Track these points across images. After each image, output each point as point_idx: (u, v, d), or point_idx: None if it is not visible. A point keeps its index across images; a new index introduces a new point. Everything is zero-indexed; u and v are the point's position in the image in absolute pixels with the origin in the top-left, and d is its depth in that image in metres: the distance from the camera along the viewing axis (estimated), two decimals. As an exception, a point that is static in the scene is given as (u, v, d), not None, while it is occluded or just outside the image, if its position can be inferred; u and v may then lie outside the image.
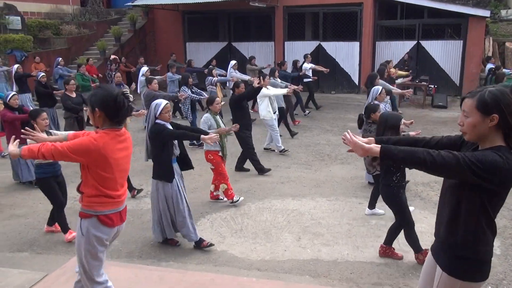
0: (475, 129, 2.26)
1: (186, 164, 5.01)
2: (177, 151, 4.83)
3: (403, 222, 4.50)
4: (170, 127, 4.71)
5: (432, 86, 13.86)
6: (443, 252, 2.47)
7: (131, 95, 2.91)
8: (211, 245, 4.89)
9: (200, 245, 4.88)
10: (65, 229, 5.16)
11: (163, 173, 4.69)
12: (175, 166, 4.83)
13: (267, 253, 4.85)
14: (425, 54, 15.48)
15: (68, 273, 4.01)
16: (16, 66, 12.34)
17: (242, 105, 7.36)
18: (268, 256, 4.77)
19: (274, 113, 8.57)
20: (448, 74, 15.27)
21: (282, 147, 8.72)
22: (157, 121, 4.64)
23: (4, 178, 7.50)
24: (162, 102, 4.70)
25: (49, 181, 5.07)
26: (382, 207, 5.53)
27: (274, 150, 8.88)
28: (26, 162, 6.86)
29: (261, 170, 7.50)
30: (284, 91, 8.89)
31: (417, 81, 14.20)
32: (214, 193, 6.31)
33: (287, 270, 4.50)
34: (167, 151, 4.66)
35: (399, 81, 11.64)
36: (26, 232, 5.53)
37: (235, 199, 6.12)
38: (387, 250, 4.68)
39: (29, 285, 3.89)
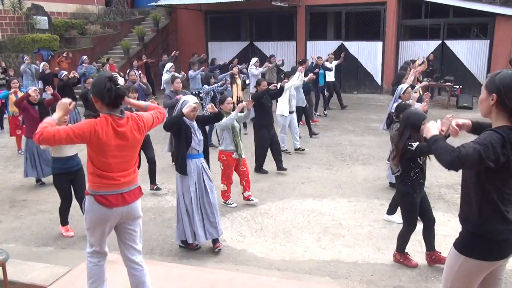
0: (481, 105, 2.46)
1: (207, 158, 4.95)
2: (197, 147, 4.75)
3: (407, 222, 4.43)
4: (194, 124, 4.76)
5: (457, 86, 13.58)
6: (461, 230, 2.58)
7: (121, 79, 2.89)
8: (198, 247, 4.91)
9: (188, 246, 4.90)
10: (62, 221, 5.37)
11: (178, 165, 4.77)
12: (197, 162, 4.77)
13: (287, 253, 4.84)
14: (450, 54, 15.19)
15: (91, 268, 4.07)
16: (42, 64, 12.65)
17: (261, 102, 7.36)
18: (288, 256, 4.76)
19: (291, 112, 8.50)
20: (474, 74, 14.95)
21: (286, 148, 8.64)
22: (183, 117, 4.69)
23: (31, 174, 7.68)
24: (190, 101, 4.74)
25: (61, 177, 5.21)
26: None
27: (292, 151, 8.81)
28: (33, 159, 6.96)
29: (259, 168, 7.52)
30: (299, 80, 8.74)
31: (441, 82, 13.95)
32: (245, 194, 6.24)
33: (307, 270, 4.48)
34: (182, 144, 4.69)
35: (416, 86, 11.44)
36: (51, 227, 5.65)
37: (228, 201, 6.11)
38: (400, 257, 4.55)
39: (54, 279, 3.97)
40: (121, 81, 2.83)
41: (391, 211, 5.59)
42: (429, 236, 4.48)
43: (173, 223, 5.62)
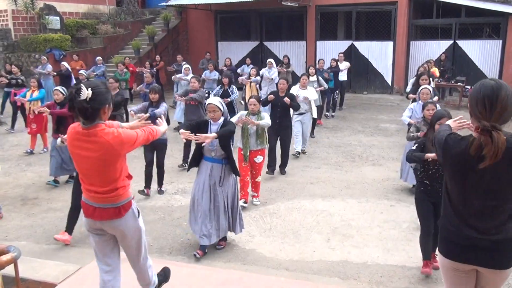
0: None
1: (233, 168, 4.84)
2: (210, 151, 4.74)
3: (419, 224, 4.39)
4: (213, 125, 4.77)
5: (469, 87, 13.44)
6: None
7: (87, 92, 2.71)
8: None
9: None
10: (68, 227, 5.18)
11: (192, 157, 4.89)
12: (208, 165, 4.76)
13: (296, 253, 4.83)
14: (462, 54, 15.04)
15: (101, 267, 4.11)
16: (49, 67, 12.84)
17: (271, 104, 7.36)
18: (297, 256, 4.76)
19: (301, 114, 8.39)
20: (486, 75, 14.77)
21: (297, 150, 8.51)
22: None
23: (43, 173, 7.77)
24: (208, 100, 4.81)
25: (75, 178, 5.26)
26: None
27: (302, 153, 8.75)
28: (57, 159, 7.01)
29: (267, 167, 7.41)
30: (315, 94, 8.71)
31: (452, 82, 13.82)
32: (251, 193, 6.24)
33: (315, 271, 4.47)
34: (197, 144, 4.74)
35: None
36: (61, 225, 5.69)
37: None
38: (429, 264, 4.39)
39: (64, 277, 4.01)
40: (84, 94, 2.70)
41: None
42: (435, 242, 4.38)
43: (182, 222, 5.65)
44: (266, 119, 5.99)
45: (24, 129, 10.91)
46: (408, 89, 8.98)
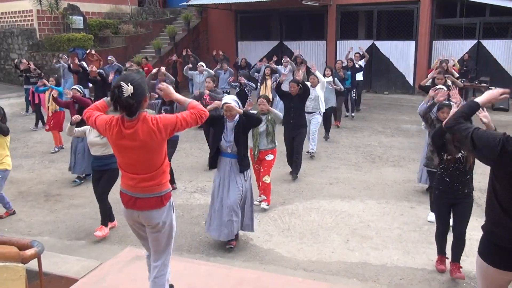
0: None
1: (241, 165, 4.85)
2: (226, 147, 4.78)
3: (436, 225, 4.35)
4: (228, 123, 4.81)
5: (493, 88, 13.13)
6: None
7: (129, 87, 2.75)
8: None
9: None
10: (102, 220, 5.37)
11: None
12: (226, 160, 4.81)
13: (314, 253, 4.81)
14: (486, 54, 14.73)
15: (121, 263, 4.17)
16: (64, 64, 13.08)
17: (283, 101, 7.34)
18: (315, 257, 4.74)
19: (309, 113, 8.18)
20: (511, 75, 14.45)
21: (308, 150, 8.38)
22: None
23: (65, 170, 7.91)
24: (223, 100, 4.86)
25: (93, 175, 5.46)
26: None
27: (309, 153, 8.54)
28: (81, 156, 7.14)
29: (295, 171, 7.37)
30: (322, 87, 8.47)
31: (476, 83, 13.54)
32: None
33: (334, 272, 4.44)
34: (213, 139, 4.83)
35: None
36: (83, 221, 5.81)
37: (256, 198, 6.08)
38: (436, 258, 4.41)
39: (85, 272, 4.08)
40: (127, 91, 2.74)
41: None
42: (454, 246, 4.28)
43: (201, 221, 5.69)
44: (277, 111, 6.00)
45: (34, 127, 11.18)
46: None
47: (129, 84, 2.76)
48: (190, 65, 12.14)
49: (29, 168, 8.15)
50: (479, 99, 2.82)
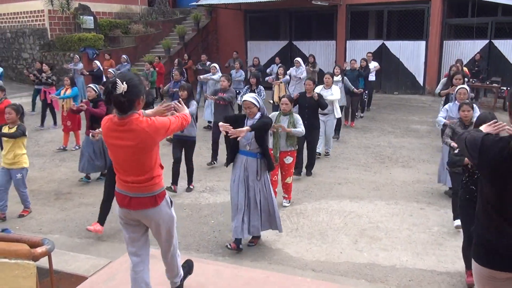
0: None
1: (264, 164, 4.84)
2: (245, 145, 4.78)
3: (464, 234, 4.23)
4: (250, 120, 4.81)
5: (505, 88, 13.01)
6: None
7: (123, 86, 2.76)
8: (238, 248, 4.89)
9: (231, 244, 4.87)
10: (100, 218, 5.34)
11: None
12: (243, 158, 4.80)
13: (323, 254, 4.80)
14: (498, 54, 14.56)
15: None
16: (80, 65, 13.20)
17: (298, 103, 7.31)
18: (324, 257, 4.73)
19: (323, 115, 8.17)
20: (523, 75, 14.29)
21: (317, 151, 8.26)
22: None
23: (76, 168, 7.97)
24: (244, 97, 4.89)
25: (109, 171, 5.47)
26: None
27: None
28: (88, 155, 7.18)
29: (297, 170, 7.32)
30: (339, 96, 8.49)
31: (487, 83, 13.41)
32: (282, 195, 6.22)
33: (342, 272, 4.43)
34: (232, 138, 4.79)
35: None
36: (93, 220, 5.84)
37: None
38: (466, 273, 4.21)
39: (95, 270, 4.11)
40: (120, 88, 2.76)
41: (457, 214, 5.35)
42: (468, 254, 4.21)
43: (209, 220, 5.71)
44: (299, 128, 5.94)
45: (52, 126, 11.29)
46: (437, 90, 8.63)
47: (124, 82, 2.78)
48: (200, 76, 12.18)
49: (40, 167, 8.24)
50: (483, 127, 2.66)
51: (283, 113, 6.04)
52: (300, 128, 5.96)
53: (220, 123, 4.69)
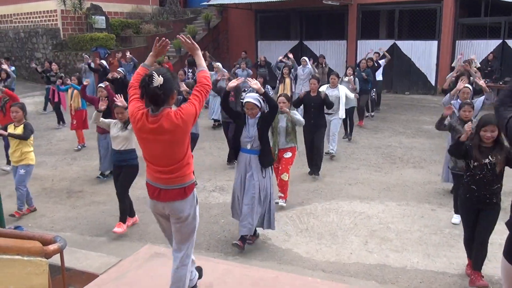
0: None
1: (262, 162, 4.83)
2: (247, 143, 4.78)
3: (464, 231, 4.27)
4: (250, 119, 4.83)
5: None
6: None
7: (160, 78, 2.82)
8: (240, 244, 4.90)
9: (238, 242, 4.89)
10: (121, 217, 5.41)
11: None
12: (246, 156, 4.82)
13: (333, 254, 4.78)
14: (511, 54, 14.37)
15: (141, 259, 4.22)
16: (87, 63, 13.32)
17: (304, 103, 7.29)
18: (334, 258, 4.71)
19: (328, 114, 8.06)
20: (537, 76, 14.09)
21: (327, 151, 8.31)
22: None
23: (87, 167, 8.07)
24: (245, 98, 4.89)
25: (114, 170, 5.61)
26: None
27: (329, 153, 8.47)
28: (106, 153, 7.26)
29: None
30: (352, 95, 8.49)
31: (500, 83, 13.24)
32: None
33: (352, 273, 4.41)
34: (235, 133, 4.88)
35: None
36: (104, 218, 5.90)
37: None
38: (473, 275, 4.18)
39: (105, 268, 4.14)
40: (157, 81, 2.81)
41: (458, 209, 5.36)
42: (475, 253, 4.16)
43: (219, 219, 5.72)
44: (299, 116, 5.98)
45: (57, 126, 11.42)
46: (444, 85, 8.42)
47: (160, 76, 2.85)
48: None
49: (53, 165, 8.32)
50: None
51: (281, 112, 5.99)
52: (299, 117, 5.98)
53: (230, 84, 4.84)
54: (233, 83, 4.85)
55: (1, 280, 2.33)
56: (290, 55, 12.12)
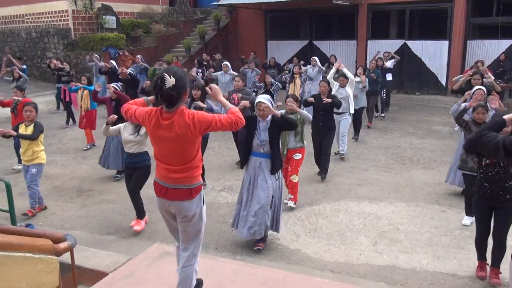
0: None
1: (274, 166, 4.83)
2: (259, 147, 4.79)
3: (476, 228, 4.25)
4: (262, 122, 4.82)
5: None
6: None
7: (171, 79, 2.85)
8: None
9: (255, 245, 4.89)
10: (138, 214, 5.52)
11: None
12: (256, 160, 4.82)
13: (341, 255, 4.76)
14: (524, 54, 14.21)
15: (150, 258, 4.24)
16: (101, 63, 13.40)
17: (312, 105, 7.27)
18: (342, 259, 4.69)
19: (339, 114, 8.06)
20: (550, 76, 13.89)
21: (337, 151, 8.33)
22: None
23: (97, 166, 8.10)
24: (257, 99, 4.88)
25: (125, 171, 5.64)
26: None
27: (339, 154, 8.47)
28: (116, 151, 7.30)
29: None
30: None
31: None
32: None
33: (361, 274, 4.39)
34: (246, 138, 4.86)
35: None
36: (113, 217, 5.94)
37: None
38: (484, 266, 4.25)
39: (115, 266, 4.17)
40: (169, 82, 2.84)
41: (470, 211, 5.33)
42: (493, 251, 4.17)
43: (228, 219, 5.72)
44: (306, 112, 5.98)
45: (64, 125, 11.53)
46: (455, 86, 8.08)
47: (171, 76, 2.87)
48: (211, 69, 12.17)
49: (63, 164, 8.40)
50: (507, 116, 2.71)
51: (290, 113, 5.98)
52: (306, 112, 5.98)
53: (238, 106, 4.79)
54: (241, 106, 4.87)
55: (13, 277, 2.36)
56: (316, 59, 11.82)
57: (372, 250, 4.85)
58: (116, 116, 5.58)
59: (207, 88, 3.47)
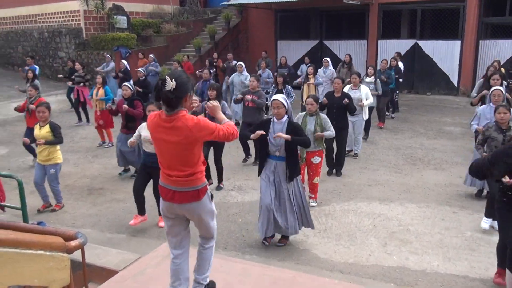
0: None
1: (289, 175, 4.82)
2: (274, 150, 4.80)
3: (499, 236, 4.12)
4: (278, 124, 4.82)
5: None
6: None
7: (172, 83, 2.88)
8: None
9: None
10: (139, 210, 5.54)
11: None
12: (272, 162, 4.83)
13: (351, 256, 4.74)
14: (538, 54, 14.02)
15: (160, 257, 4.26)
16: (111, 64, 13.47)
17: (325, 105, 7.24)
18: (352, 259, 4.67)
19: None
20: None
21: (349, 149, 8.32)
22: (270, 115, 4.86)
23: (108, 165, 8.18)
24: (274, 97, 4.88)
25: (140, 167, 5.66)
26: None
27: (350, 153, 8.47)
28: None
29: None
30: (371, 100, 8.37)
31: (525, 84, 12.92)
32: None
33: (371, 275, 4.36)
34: (261, 143, 4.86)
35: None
36: (124, 215, 5.98)
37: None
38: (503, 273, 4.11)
39: (125, 265, 4.20)
40: (169, 85, 2.88)
41: (489, 213, 5.19)
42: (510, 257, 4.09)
43: (237, 219, 5.73)
44: (329, 131, 5.97)
45: (85, 123, 11.63)
46: (473, 92, 8.08)
47: (173, 80, 2.90)
48: (227, 77, 12.26)
49: (74, 163, 8.47)
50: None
51: (309, 114, 5.99)
52: (330, 131, 5.98)
53: (252, 136, 4.84)
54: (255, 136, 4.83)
55: (25, 274, 2.38)
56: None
57: (382, 251, 4.82)
58: (135, 142, 5.55)
59: (206, 106, 3.48)
